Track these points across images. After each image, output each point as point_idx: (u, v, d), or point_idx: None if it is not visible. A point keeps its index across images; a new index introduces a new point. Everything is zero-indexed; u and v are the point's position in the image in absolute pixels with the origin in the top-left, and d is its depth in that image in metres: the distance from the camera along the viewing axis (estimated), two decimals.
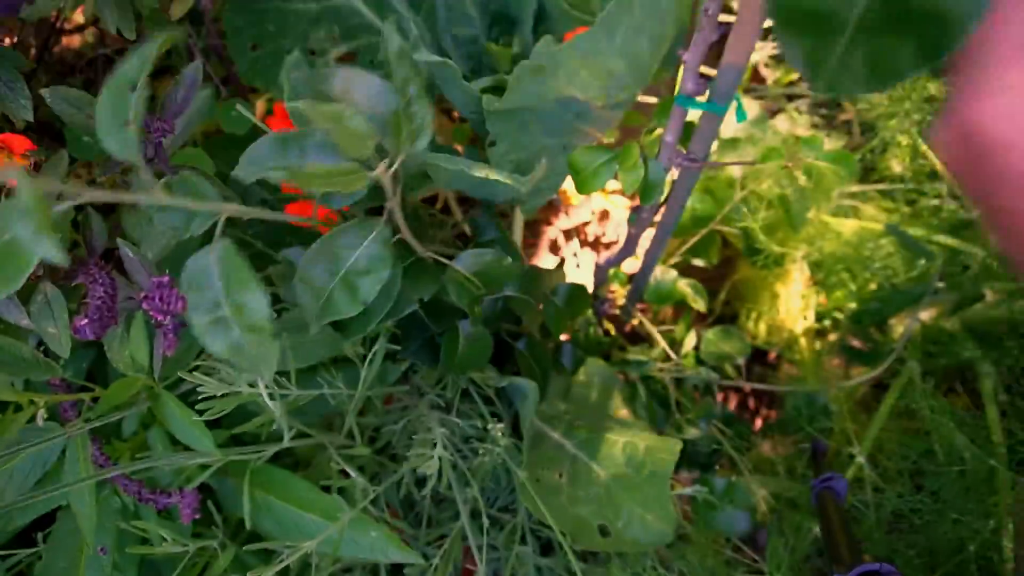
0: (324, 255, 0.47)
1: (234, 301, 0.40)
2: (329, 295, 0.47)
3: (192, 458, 0.52)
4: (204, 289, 0.40)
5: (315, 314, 0.47)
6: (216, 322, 0.40)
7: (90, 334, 0.46)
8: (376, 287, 0.47)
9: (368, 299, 0.47)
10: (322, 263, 0.47)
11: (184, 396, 0.54)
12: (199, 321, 0.40)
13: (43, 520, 0.55)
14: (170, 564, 0.56)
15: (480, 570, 0.63)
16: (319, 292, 0.46)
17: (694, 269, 1.00)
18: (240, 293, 0.40)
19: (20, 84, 0.51)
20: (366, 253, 0.47)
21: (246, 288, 0.40)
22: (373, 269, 0.47)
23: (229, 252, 0.41)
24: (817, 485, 0.62)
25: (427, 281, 0.55)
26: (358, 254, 0.47)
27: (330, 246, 0.47)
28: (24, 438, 0.49)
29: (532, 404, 0.67)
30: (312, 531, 0.56)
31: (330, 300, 0.47)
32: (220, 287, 0.40)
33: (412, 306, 0.54)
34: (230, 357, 0.40)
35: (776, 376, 0.99)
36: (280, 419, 0.53)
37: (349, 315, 0.47)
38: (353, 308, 0.47)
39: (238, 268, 0.40)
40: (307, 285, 0.46)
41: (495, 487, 0.75)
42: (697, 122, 0.52)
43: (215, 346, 0.40)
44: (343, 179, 0.41)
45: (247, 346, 0.40)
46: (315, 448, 0.69)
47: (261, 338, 0.40)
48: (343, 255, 0.47)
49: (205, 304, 0.40)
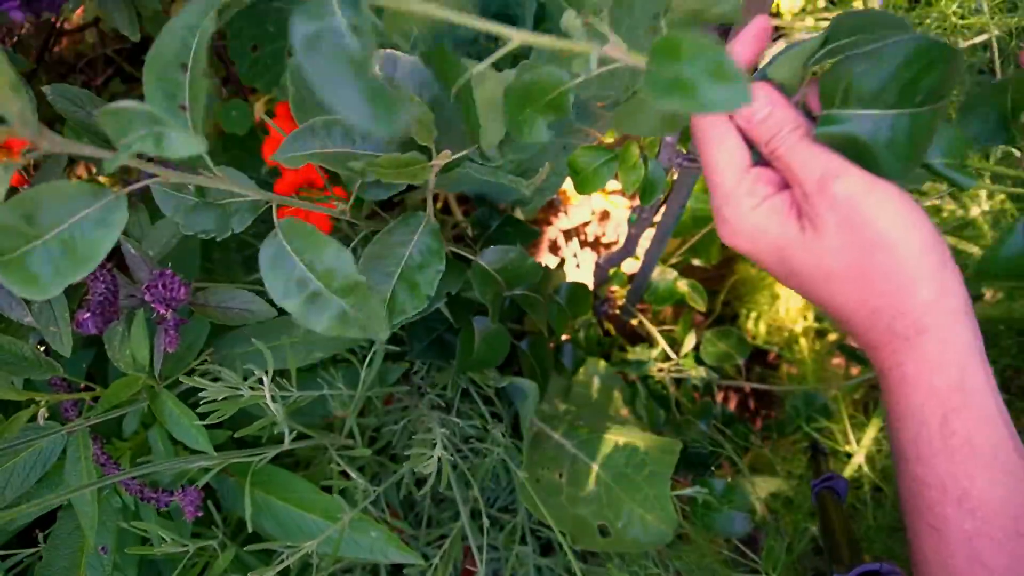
0: (379, 256, 0.46)
1: (319, 270, 0.39)
2: (393, 295, 0.45)
3: (194, 461, 0.52)
4: (286, 271, 0.39)
5: (383, 316, 0.46)
6: (311, 299, 0.39)
7: (92, 328, 0.45)
8: (435, 280, 0.46)
9: (430, 292, 0.46)
10: (379, 264, 0.46)
11: (186, 395, 0.54)
12: (294, 305, 0.39)
13: (44, 519, 0.55)
14: (170, 564, 0.56)
15: (480, 570, 0.63)
16: (381, 294, 0.45)
17: (694, 269, 1.01)
18: (322, 259, 0.39)
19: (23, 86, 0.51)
20: (419, 247, 0.46)
21: (326, 251, 0.39)
22: (428, 263, 0.46)
23: (294, 226, 0.39)
24: (817, 485, 0.62)
25: (453, 276, 0.54)
26: (411, 249, 0.46)
27: (383, 246, 0.46)
28: (25, 437, 0.49)
29: (532, 404, 0.67)
30: (312, 531, 0.56)
31: (394, 300, 0.45)
32: (299, 263, 0.39)
33: (441, 300, 0.53)
34: (339, 331, 0.38)
35: (776, 376, 0.99)
36: (282, 422, 0.53)
37: (416, 312, 0.45)
38: (418, 304, 0.45)
39: (310, 237, 0.39)
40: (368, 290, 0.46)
41: (495, 487, 0.75)
42: None
43: (320, 324, 0.39)
44: (410, 169, 0.41)
45: (350, 311, 0.39)
46: (315, 448, 0.69)
47: (361, 298, 0.39)
48: (397, 253, 0.46)
49: (293, 286, 0.39)
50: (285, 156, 0.41)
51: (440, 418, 0.66)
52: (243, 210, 0.44)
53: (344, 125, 0.43)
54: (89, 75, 0.95)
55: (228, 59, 0.77)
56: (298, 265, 0.39)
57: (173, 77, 0.34)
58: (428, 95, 0.46)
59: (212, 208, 0.44)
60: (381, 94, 0.24)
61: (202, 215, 0.44)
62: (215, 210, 0.44)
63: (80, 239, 0.31)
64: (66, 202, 0.31)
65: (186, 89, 0.34)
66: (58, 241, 0.31)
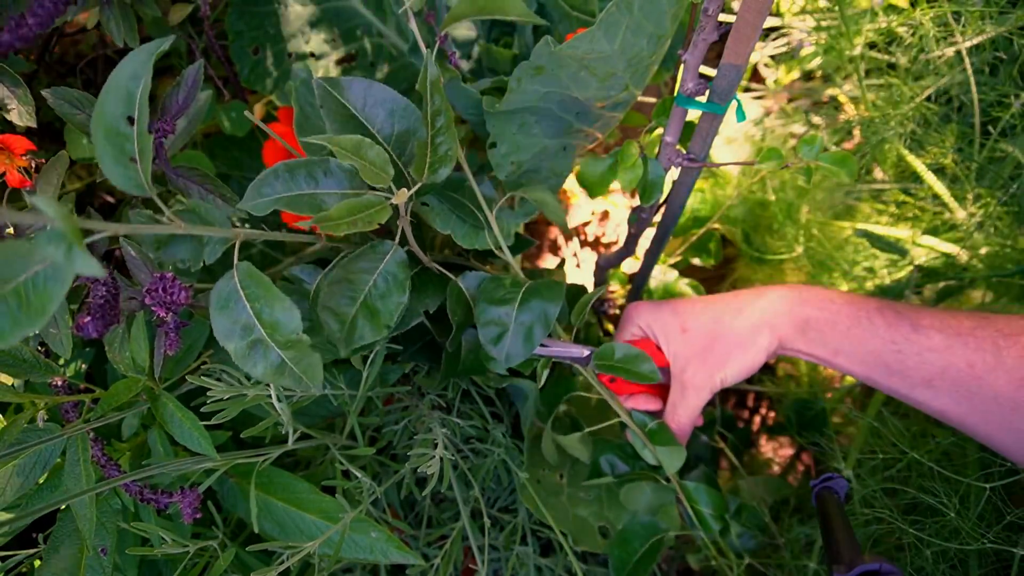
0: (343, 281, 0.46)
1: (266, 320, 0.39)
2: (352, 321, 0.46)
3: (198, 463, 0.52)
4: (234, 314, 0.39)
5: (342, 340, 0.46)
6: (252, 345, 0.39)
7: (92, 332, 0.45)
8: (396, 310, 0.46)
9: (390, 323, 0.46)
10: (342, 289, 0.46)
11: (186, 397, 0.54)
12: (235, 347, 0.39)
13: (43, 520, 0.55)
14: (170, 564, 0.56)
15: (481, 570, 0.63)
16: (342, 318, 0.46)
17: (694, 269, 1.01)
18: (271, 311, 0.39)
19: (23, 91, 0.51)
20: (384, 275, 0.47)
21: (276, 305, 0.39)
22: (391, 292, 0.47)
23: (251, 273, 0.40)
24: (817, 485, 0.61)
25: (433, 291, 0.54)
26: (376, 277, 0.46)
27: (347, 271, 0.46)
28: (25, 439, 0.49)
29: (532, 404, 0.67)
30: (313, 532, 0.56)
31: (353, 326, 0.46)
32: (249, 309, 0.39)
33: (418, 318, 0.54)
34: (273, 379, 0.39)
35: (775, 376, 0.99)
36: (287, 423, 0.53)
37: (374, 340, 0.46)
38: (376, 333, 0.46)
39: (264, 286, 0.40)
40: (330, 311, 0.46)
41: (496, 487, 0.75)
42: (697, 122, 0.52)
43: (256, 370, 0.39)
44: (366, 215, 0.41)
45: (289, 363, 0.39)
46: (316, 449, 0.69)
47: (301, 352, 0.39)
48: (362, 279, 0.46)
49: (238, 330, 0.39)
50: (250, 204, 0.41)
51: (441, 418, 0.67)
52: (214, 242, 0.44)
53: (308, 167, 0.43)
54: (90, 75, 0.95)
55: (228, 59, 0.77)
56: (247, 310, 0.40)
57: (120, 130, 0.35)
58: (402, 125, 0.46)
59: (187, 239, 0.45)
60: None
61: (177, 246, 0.45)
62: (189, 241, 0.45)
63: (34, 292, 0.31)
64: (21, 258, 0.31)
65: (135, 142, 0.35)
66: (14, 294, 0.31)
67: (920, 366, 0.47)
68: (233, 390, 0.50)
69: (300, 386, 0.41)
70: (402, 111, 0.46)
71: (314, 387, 0.41)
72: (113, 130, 0.34)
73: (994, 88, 0.75)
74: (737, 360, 0.55)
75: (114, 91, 0.34)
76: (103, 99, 0.34)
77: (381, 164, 0.41)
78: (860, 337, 0.50)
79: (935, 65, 0.77)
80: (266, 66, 0.74)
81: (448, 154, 0.44)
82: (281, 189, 0.42)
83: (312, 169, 0.43)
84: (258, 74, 0.74)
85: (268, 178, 0.42)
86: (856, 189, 0.88)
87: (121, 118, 0.35)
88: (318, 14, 0.74)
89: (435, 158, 0.44)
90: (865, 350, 0.50)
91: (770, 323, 0.54)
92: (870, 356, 0.50)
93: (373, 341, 0.46)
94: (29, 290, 0.31)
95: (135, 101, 0.35)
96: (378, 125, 0.46)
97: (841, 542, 0.54)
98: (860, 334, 0.50)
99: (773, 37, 1.01)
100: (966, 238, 0.75)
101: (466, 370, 0.59)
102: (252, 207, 0.41)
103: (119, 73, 0.34)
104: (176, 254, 0.45)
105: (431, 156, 0.44)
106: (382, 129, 0.46)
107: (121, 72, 0.35)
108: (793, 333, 0.53)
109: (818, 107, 1.02)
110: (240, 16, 0.74)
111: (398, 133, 0.46)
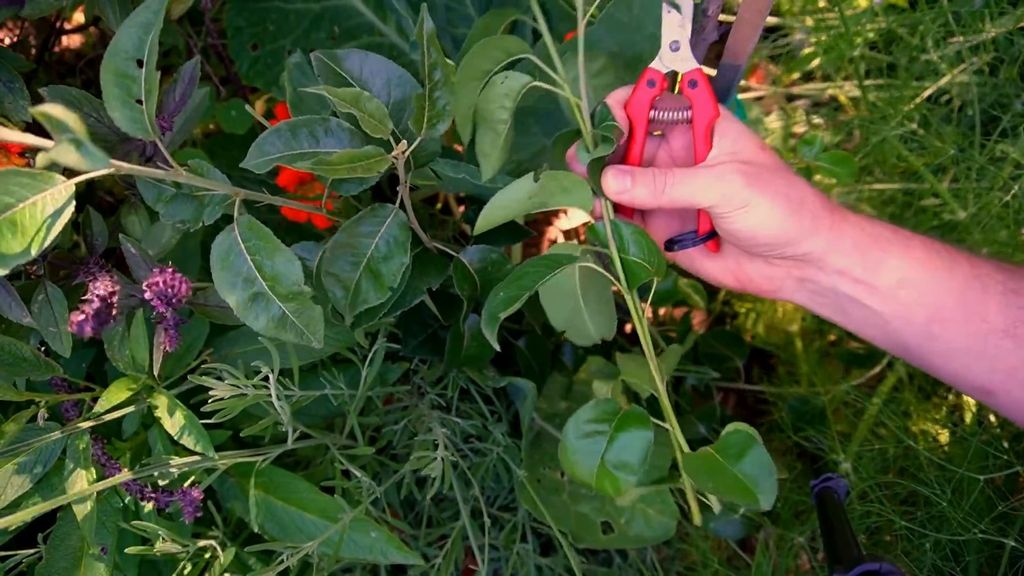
0: (345, 246, 0.47)
1: (268, 272, 0.40)
2: (356, 285, 0.46)
3: (198, 464, 0.52)
4: (235, 267, 0.40)
5: (346, 305, 0.47)
6: (254, 298, 0.40)
7: (89, 331, 0.45)
8: (398, 272, 0.47)
9: (393, 284, 0.47)
10: (345, 254, 0.47)
11: (186, 395, 0.54)
12: (236, 300, 0.40)
13: (43, 520, 0.55)
14: (170, 564, 0.56)
15: (481, 569, 0.63)
16: (346, 283, 0.46)
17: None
18: (272, 262, 0.40)
19: (19, 84, 0.51)
20: (385, 238, 0.47)
21: (277, 255, 0.40)
22: (393, 254, 0.47)
23: (252, 225, 0.40)
24: (817, 485, 0.61)
25: (434, 271, 0.55)
26: (378, 240, 0.47)
27: (350, 236, 0.47)
28: (25, 437, 0.49)
29: (531, 404, 0.67)
30: (312, 531, 0.56)
31: (358, 290, 0.46)
32: (250, 262, 0.40)
33: (420, 296, 0.54)
34: (275, 332, 0.40)
35: (775, 377, 0.99)
36: (287, 422, 0.53)
37: (378, 303, 0.47)
38: (380, 295, 0.46)
39: (265, 238, 0.40)
40: (334, 278, 0.46)
41: (495, 486, 0.75)
42: None
43: (258, 323, 0.40)
44: (366, 163, 0.41)
45: (291, 316, 0.40)
46: (315, 448, 0.69)
47: (303, 305, 0.40)
48: (363, 243, 0.47)
49: (239, 283, 0.40)
50: (252, 163, 0.42)
51: (440, 417, 0.66)
52: (215, 203, 0.45)
53: (309, 126, 0.43)
54: (89, 75, 0.95)
55: (228, 58, 0.77)
56: (248, 263, 0.40)
57: (129, 72, 0.36)
58: (398, 93, 0.47)
59: (188, 199, 0.45)
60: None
61: (179, 205, 0.45)
62: (191, 201, 0.45)
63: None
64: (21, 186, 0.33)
65: (142, 83, 0.36)
66: (7, 222, 0.32)
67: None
68: (233, 389, 0.50)
69: (302, 339, 0.41)
70: (398, 79, 0.47)
71: (315, 341, 0.41)
72: (122, 72, 0.36)
73: (994, 88, 0.75)
74: (763, 211, 0.43)
75: (126, 34, 0.36)
76: (117, 39, 0.36)
77: (380, 116, 0.41)
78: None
79: (935, 65, 0.77)
80: (265, 62, 0.74)
81: (446, 108, 0.44)
82: (283, 147, 0.43)
83: (313, 127, 0.43)
84: (257, 70, 0.74)
85: (270, 136, 0.43)
86: (856, 189, 0.88)
87: (131, 60, 0.36)
88: (319, 12, 0.74)
89: (433, 112, 0.44)
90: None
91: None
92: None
93: (378, 304, 0.47)
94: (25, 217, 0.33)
95: (145, 45, 0.36)
96: (375, 92, 0.46)
97: (841, 542, 0.54)
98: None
99: (773, 37, 1.01)
100: (966, 238, 0.76)
101: (470, 357, 0.59)
102: (254, 165, 0.42)
103: (131, 20, 0.36)
104: (177, 214, 0.45)
105: (429, 110, 0.44)
106: (379, 96, 0.47)
107: (134, 19, 0.36)
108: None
109: (818, 107, 1.02)
110: (239, 12, 0.74)
111: (395, 101, 0.47)
